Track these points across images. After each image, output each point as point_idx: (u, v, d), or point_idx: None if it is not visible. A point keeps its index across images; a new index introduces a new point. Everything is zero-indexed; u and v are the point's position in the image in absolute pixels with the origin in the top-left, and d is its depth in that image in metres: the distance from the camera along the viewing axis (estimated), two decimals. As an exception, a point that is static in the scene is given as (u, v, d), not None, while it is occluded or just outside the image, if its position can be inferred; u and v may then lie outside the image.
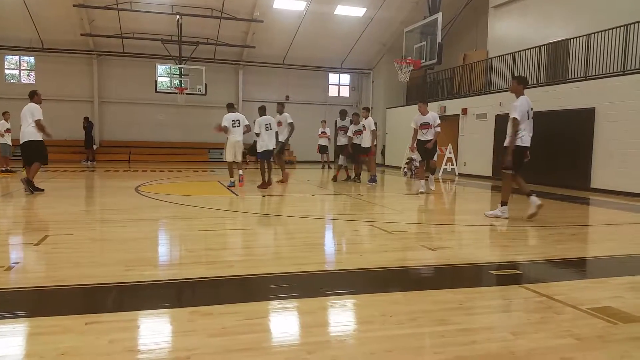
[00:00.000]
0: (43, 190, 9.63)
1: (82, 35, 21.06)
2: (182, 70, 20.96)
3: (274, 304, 3.31)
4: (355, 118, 13.40)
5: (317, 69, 25.59)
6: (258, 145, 10.93)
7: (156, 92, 21.28)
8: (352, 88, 27.16)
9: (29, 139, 9.26)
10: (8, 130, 14.97)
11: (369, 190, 11.57)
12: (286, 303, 3.33)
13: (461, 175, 17.10)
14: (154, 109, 23.81)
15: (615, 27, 11.97)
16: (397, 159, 20.90)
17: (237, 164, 10.93)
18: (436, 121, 10.36)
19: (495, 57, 16.89)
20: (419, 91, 21.24)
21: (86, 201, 9.63)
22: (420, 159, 10.89)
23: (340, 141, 14.10)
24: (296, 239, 5.80)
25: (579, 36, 13.17)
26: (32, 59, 22.67)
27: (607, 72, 12.17)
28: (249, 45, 22.87)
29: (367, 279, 4.10)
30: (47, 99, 21.62)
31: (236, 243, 5.58)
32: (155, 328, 2.91)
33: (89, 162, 19.99)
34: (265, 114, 11.03)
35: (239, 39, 22.83)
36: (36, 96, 9.58)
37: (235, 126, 10.67)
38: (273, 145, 10.95)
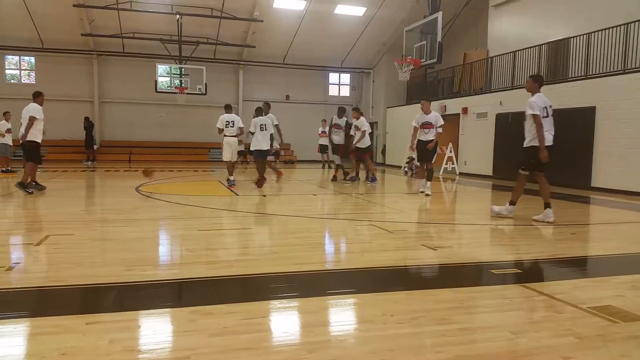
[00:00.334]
0: (45, 187, 9.82)
1: (82, 35, 21.05)
2: (183, 70, 20.96)
3: (275, 303, 3.31)
4: (355, 114, 13.51)
5: (317, 69, 25.58)
6: (252, 144, 11.32)
7: (156, 92, 21.27)
8: (353, 87, 27.15)
9: (27, 139, 9.42)
10: (9, 131, 14.96)
11: (369, 190, 11.57)
12: (287, 302, 3.34)
13: (461, 174, 17.09)
14: (154, 108, 23.82)
15: (616, 26, 11.96)
16: (397, 158, 20.91)
17: (233, 164, 11.43)
18: (439, 121, 9.90)
19: (495, 56, 16.88)
20: (419, 90, 21.24)
21: (87, 201, 9.64)
22: (418, 160, 10.57)
23: (334, 139, 13.66)
24: (297, 238, 5.80)
25: (579, 35, 13.16)
26: (33, 59, 22.67)
27: (608, 71, 12.16)
28: (249, 45, 22.86)
29: (367, 278, 4.09)
30: (48, 99, 21.53)
31: (236, 243, 5.58)
32: (155, 328, 2.91)
33: (89, 162, 19.99)
34: (262, 114, 11.39)
35: (239, 38, 22.82)
36: (39, 97, 9.79)
37: (229, 127, 11.07)
38: (267, 146, 11.22)
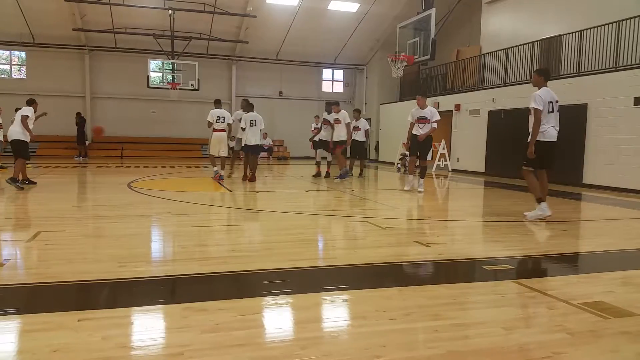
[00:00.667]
0: (35, 183, 9.96)
1: (73, 30, 20.90)
2: (175, 65, 20.83)
3: (268, 299, 3.31)
4: (356, 114, 13.72)
5: (310, 65, 25.55)
6: (242, 139, 11.59)
7: (148, 87, 21.13)
8: (346, 84, 27.14)
9: (15, 138, 9.74)
10: None
11: (361, 186, 11.58)
12: (280, 299, 3.33)
13: (454, 171, 17.15)
14: (147, 104, 23.70)
15: (608, 24, 12.02)
16: (390, 154, 20.94)
17: (222, 158, 11.73)
18: (434, 116, 9.77)
19: (488, 53, 16.93)
20: (412, 87, 21.26)
21: (78, 197, 9.58)
22: (410, 153, 10.30)
23: (322, 135, 13.33)
24: (290, 234, 5.80)
25: (572, 32, 13.21)
26: (23, 54, 22.47)
27: (600, 68, 12.23)
28: (242, 41, 22.79)
29: (360, 274, 4.10)
30: (39, 95, 21.54)
31: (229, 239, 5.57)
32: (148, 324, 2.90)
33: (81, 158, 19.88)
34: (252, 110, 11.64)
35: (232, 34, 22.74)
36: (33, 104, 10.13)
37: (219, 122, 11.44)
38: (256, 142, 11.51)
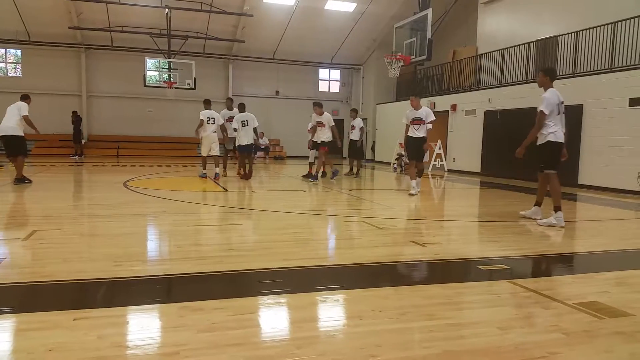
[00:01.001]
0: (31, 181, 9.98)
1: (70, 28, 20.83)
2: (171, 64, 20.80)
3: (264, 299, 3.31)
4: (352, 114, 14.07)
5: (307, 64, 25.54)
6: (236, 140, 11.95)
7: (145, 86, 21.07)
8: (342, 83, 27.15)
9: (12, 134, 9.65)
10: None
11: (358, 186, 11.59)
12: (276, 298, 3.34)
13: (450, 171, 17.19)
14: (143, 103, 23.64)
15: (603, 25, 12.07)
16: (386, 155, 20.96)
17: (215, 158, 12.05)
18: (429, 117, 9.54)
19: (484, 54, 16.97)
20: (409, 87, 21.28)
21: (74, 196, 9.56)
22: (408, 157, 10.22)
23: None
24: (286, 234, 5.80)
25: (568, 33, 13.26)
26: (19, 52, 22.38)
27: (595, 69, 12.28)
28: (239, 40, 22.75)
29: (356, 274, 4.11)
30: (35, 93, 21.39)
31: (225, 238, 5.57)
32: (144, 323, 2.89)
33: (77, 156, 19.82)
34: (245, 110, 11.98)
35: (228, 33, 22.70)
36: (27, 99, 10.15)
37: (210, 123, 11.80)
38: (249, 141, 11.87)
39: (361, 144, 14.15)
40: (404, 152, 13.17)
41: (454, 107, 17.62)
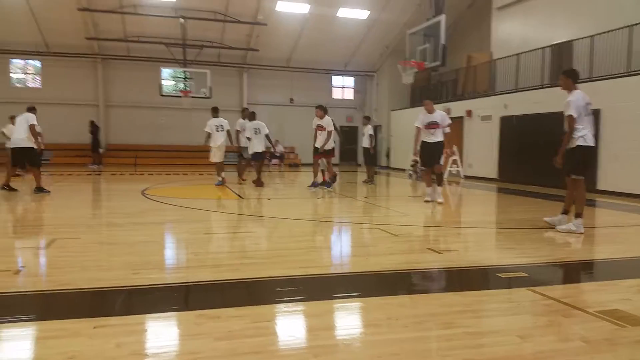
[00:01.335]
0: (49, 191, 10.05)
1: (87, 39, 21.19)
2: (187, 73, 21.01)
3: (280, 307, 3.31)
4: (365, 121, 14.10)
5: (320, 72, 25.62)
6: (249, 148, 12.11)
7: (161, 95, 21.32)
8: (356, 90, 27.17)
9: (23, 146, 9.80)
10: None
11: (373, 193, 11.54)
12: (292, 306, 3.33)
13: (466, 177, 17.07)
14: (159, 112, 23.90)
15: (619, 28, 11.94)
16: (402, 161, 20.89)
17: (218, 164, 12.28)
18: (445, 121, 9.09)
19: (499, 59, 16.87)
20: (423, 93, 21.23)
21: (93, 205, 9.68)
22: (422, 164, 9.67)
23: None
24: (302, 241, 5.80)
25: (583, 37, 13.13)
26: (38, 63, 22.80)
27: (612, 73, 12.13)
28: (253, 48, 22.94)
29: (373, 281, 4.09)
30: (53, 103, 21.97)
31: (242, 246, 5.58)
32: (162, 331, 2.91)
33: (95, 165, 20.07)
34: (255, 119, 12.20)
35: (242, 42, 22.89)
36: (33, 110, 10.27)
37: (218, 130, 12.03)
38: (262, 148, 12.09)
39: (374, 151, 13.92)
40: (418, 159, 12.82)
41: (469, 113, 17.52)
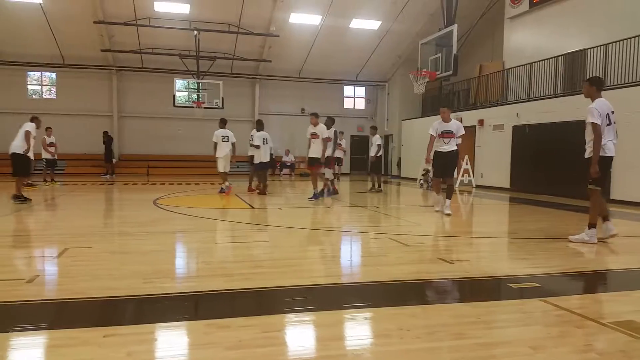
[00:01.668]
0: (28, 200, 10.09)
1: (102, 50, 21.52)
2: (200, 84, 21.21)
3: (291, 316, 3.31)
4: (372, 131, 14.12)
5: (332, 82, 25.73)
6: (255, 157, 12.33)
7: (174, 106, 21.54)
8: (368, 100, 27.23)
9: (14, 152, 9.89)
10: (52, 145, 15.49)
11: (384, 202, 11.50)
12: (302, 316, 3.33)
13: (478, 186, 16.96)
14: (173, 123, 24.15)
15: (633, 37, 11.85)
16: (413, 170, 20.82)
17: (226, 174, 12.59)
18: (460, 131, 8.83)
19: (511, 68, 16.81)
20: (434, 103, 21.20)
21: (105, 214, 9.76)
22: (434, 174, 9.42)
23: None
24: (312, 251, 5.79)
25: (597, 46, 13.05)
26: (54, 75, 23.19)
27: (626, 82, 12.03)
28: (265, 60, 23.13)
29: (383, 292, 4.07)
30: (68, 114, 22.27)
31: (252, 255, 5.58)
32: (172, 341, 2.92)
33: (108, 175, 20.25)
34: (263, 129, 12.51)
35: (255, 53, 23.09)
36: (35, 120, 10.47)
37: (224, 141, 12.44)
38: (267, 159, 12.41)
39: (379, 159, 14.04)
40: (430, 168, 12.65)
41: (481, 122, 17.45)
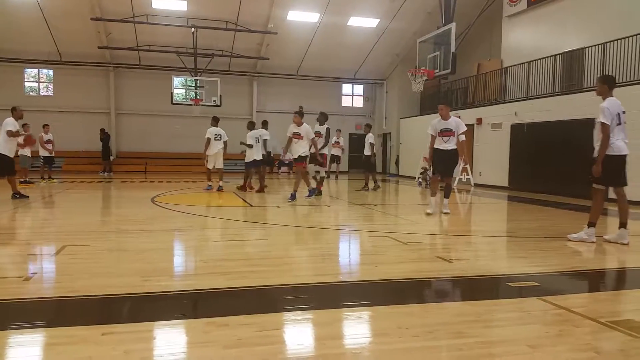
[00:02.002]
0: (26, 196, 10.21)
1: (99, 47, 21.44)
2: (198, 82, 21.17)
3: (289, 315, 3.30)
4: (366, 129, 14.29)
5: (330, 80, 25.70)
6: (247, 155, 12.59)
7: (172, 103, 21.48)
8: (366, 98, 27.21)
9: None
10: (49, 142, 15.42)
11: (382, 201, 11.49)
12: (301, 314, 3.32)
13: (477, 185, 16.98)
14: (170, 120, 24.08)
15: (631, 36, 11.86)
16: (411, 169, 20.83)
17: (220, 171, 12.81)
18: (460, 127, 8.53)
19: (509, 67, 16.82)
20: (433, 101, 21.20)
21: (103, 212, 9.74)
22: (434, 171, 9.23)
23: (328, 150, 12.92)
24: (310, 249, 5.79)
25: (595, 45, 13.06)
26: (51, 72, 23.11)
27: (624, 80, 12.04)
28: (263, 57, 23.08)
29: (382, 290, 4.07)
30: (65, 111, 22.21)
31: (251, 254, 5.58)
32: (170, 339, 2.91)
33: (105, 173, 20.21)
34: (254, 128, 12.78)
35: (253, 50, 23.04)
36: (15, 112, 10.08)
37: (217, 139, 12.62)
38: (260, 157, 12.60)
39: (373, 158, 14.05)
40: (429, 166, 12.70)
41: (479, 121, 17.46)
